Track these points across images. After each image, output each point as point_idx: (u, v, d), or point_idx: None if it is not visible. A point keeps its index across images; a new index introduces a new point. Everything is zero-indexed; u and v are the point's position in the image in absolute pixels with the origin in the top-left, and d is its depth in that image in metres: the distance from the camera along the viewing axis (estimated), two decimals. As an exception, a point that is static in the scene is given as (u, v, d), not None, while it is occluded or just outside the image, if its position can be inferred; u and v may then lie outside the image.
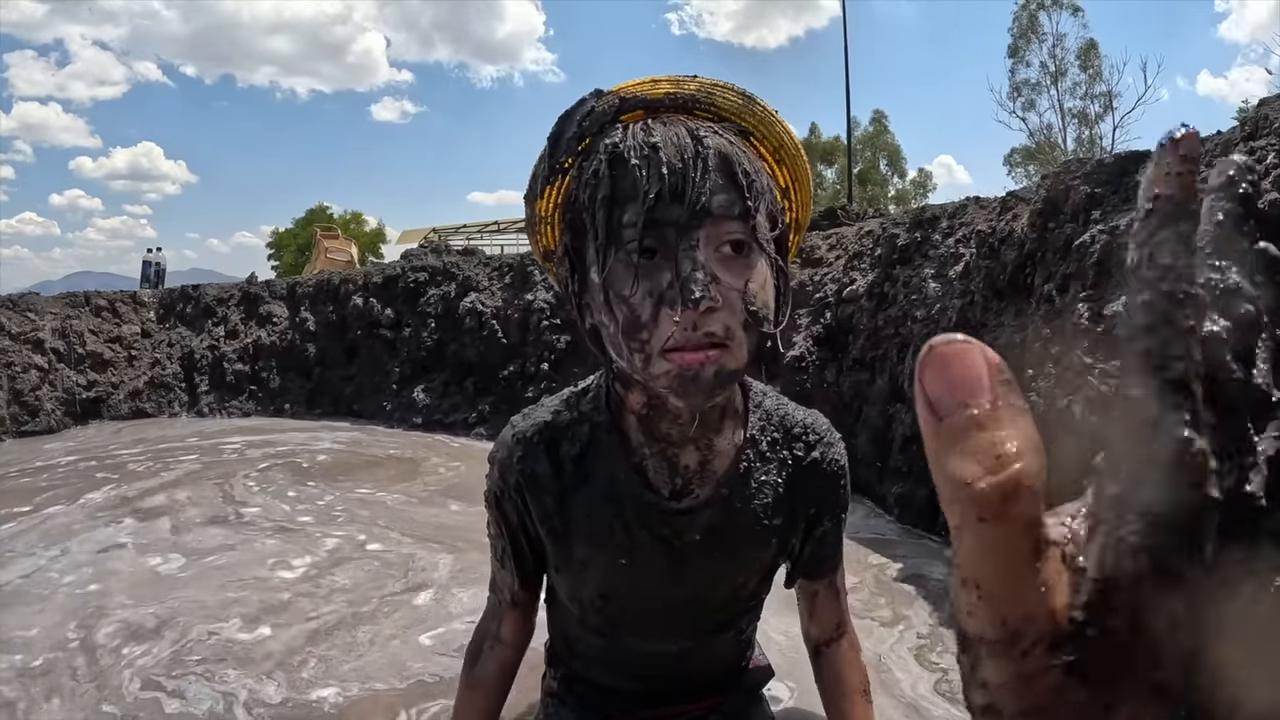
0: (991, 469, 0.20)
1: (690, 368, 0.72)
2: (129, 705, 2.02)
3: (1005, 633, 0.21)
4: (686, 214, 0.72)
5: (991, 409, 0.21)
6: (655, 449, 0.90)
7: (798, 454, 0.95)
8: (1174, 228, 0.22)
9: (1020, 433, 0.21)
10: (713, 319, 0.72)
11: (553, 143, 0.81)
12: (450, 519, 3.53)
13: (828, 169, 30.33)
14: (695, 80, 0.81)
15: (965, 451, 0.20)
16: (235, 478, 4.50)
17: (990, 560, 0.21)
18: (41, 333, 6.89)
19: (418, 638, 2.37)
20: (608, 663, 1.08)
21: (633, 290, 0.73)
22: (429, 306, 6.70)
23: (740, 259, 0.75)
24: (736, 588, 0.99)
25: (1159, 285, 0.22)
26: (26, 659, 2.25)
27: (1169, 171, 0.23)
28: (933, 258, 3.79)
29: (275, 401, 7.24)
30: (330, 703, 2.01)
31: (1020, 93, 24.06)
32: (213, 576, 2.90)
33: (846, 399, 4.03)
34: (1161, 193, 0.23)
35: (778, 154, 0.85)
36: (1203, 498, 0.21)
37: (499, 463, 0.95)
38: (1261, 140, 1.96)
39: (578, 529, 0.93)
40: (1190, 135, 0.23)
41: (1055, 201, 2.88)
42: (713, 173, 0.74)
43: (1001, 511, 0.20)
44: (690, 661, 1.06)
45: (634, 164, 0.73)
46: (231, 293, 8.04)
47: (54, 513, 3.82)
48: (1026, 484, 0.20)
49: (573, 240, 0.81)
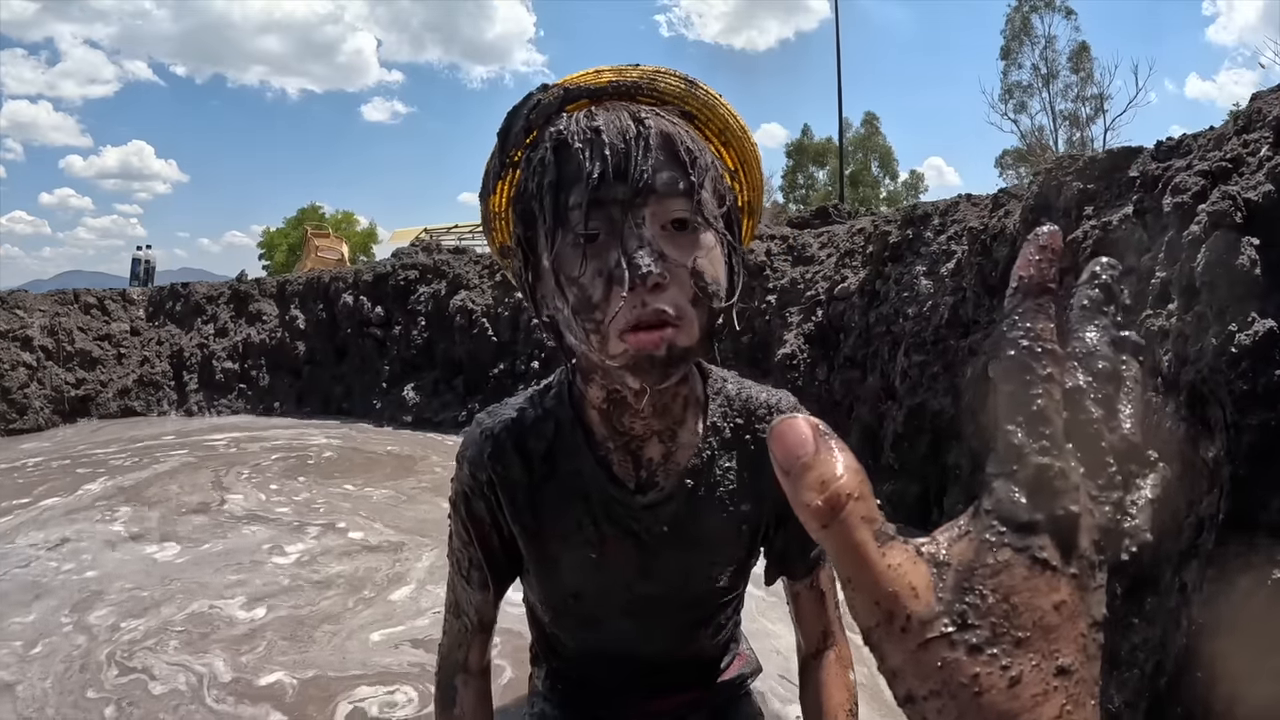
0: (820, 490, 0.27)
1: (645, 348, 0.73)
2: (117, 686, 2.09)
3: (881, 613, 0.26)
4: (630, 192, 0.73)
5: (815, 453, 0.27)
6: (619, 442, 0.90)
7: (761, 435, 0.94)
8: (1034, 300, 0.29)
9: (839, 462, 0.27)
10: (662, 296, 0.72)
11: (502, 138, 0.82)
12: (440, 515, 3.56)
13: (820, 170, 30.41)
14: (638, 68, 0.82)
15: (804, 486, 0.27)
16: (228, 476, 4.50)
17: (845, 555, 0.27)
18: (30, 330, 6.83)
19: (397, 626, 2.40)
20: (588, 661, 1.07)
21: (581, 270, 0.74)
22: (419, 305, 6.67)
23: (687, 235, 0.75)
24: (710, 581, 0.97)
25: (1021, 343, 0.28)
26: (25, 646, 2.33)
27: (1031, 259, 0.30)
28: (925, 255, 3.79)
29: (265, 400, 7.21)
30: (308, 684, 2.04)
31: (1012, 95, 24.18)
32: (203, 570, 2.93)
33: (838, 397, 4.02)
34: (1024, 275, 0.30)
35: (723, 136, 0.86)
36: (1065, 511, 0.27)
37: (469, 460, 0.95)
38: (1254, 133, 1.96)
39: (548, 525, 0.92)
40: (1052, 232, 0.30)
41: (1047, 198, 2.88)
42: (655, 151, 0.74)
43: (833, 516, 0.27)
44: (670, 658, 1.05)
45: (577, 147, 0.74)
46: (221, 291, 7.99)
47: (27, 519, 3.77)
48: (846, 493, 0.27)
49: (524, 231, 0.82)
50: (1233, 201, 1.84)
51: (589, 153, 0.74)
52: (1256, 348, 1.68)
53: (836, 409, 3.94)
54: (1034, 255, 0.30)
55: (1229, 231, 1.82)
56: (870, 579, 0.26)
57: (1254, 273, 1.75)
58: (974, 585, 0.26)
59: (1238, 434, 1.69)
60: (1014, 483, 0.27)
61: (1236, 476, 1.68)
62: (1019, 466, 0.27)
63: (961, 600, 0.26)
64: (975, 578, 0.26)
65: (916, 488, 3.41)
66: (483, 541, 0.95)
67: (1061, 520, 0.27)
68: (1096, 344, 0.31)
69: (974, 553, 0.27)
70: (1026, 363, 0.28)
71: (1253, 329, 1.69)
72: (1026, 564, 0.26)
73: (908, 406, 3.50)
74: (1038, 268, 0.30)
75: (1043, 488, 0.27)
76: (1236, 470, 1.68)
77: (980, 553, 0.27)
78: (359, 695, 2.05)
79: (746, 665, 1.21)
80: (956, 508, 3.10)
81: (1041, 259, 0.30)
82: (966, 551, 0.27)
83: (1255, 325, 1.69)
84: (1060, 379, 0.28)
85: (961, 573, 0.27)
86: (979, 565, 0.26)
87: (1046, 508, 0.27)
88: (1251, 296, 1.74)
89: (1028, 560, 0.26)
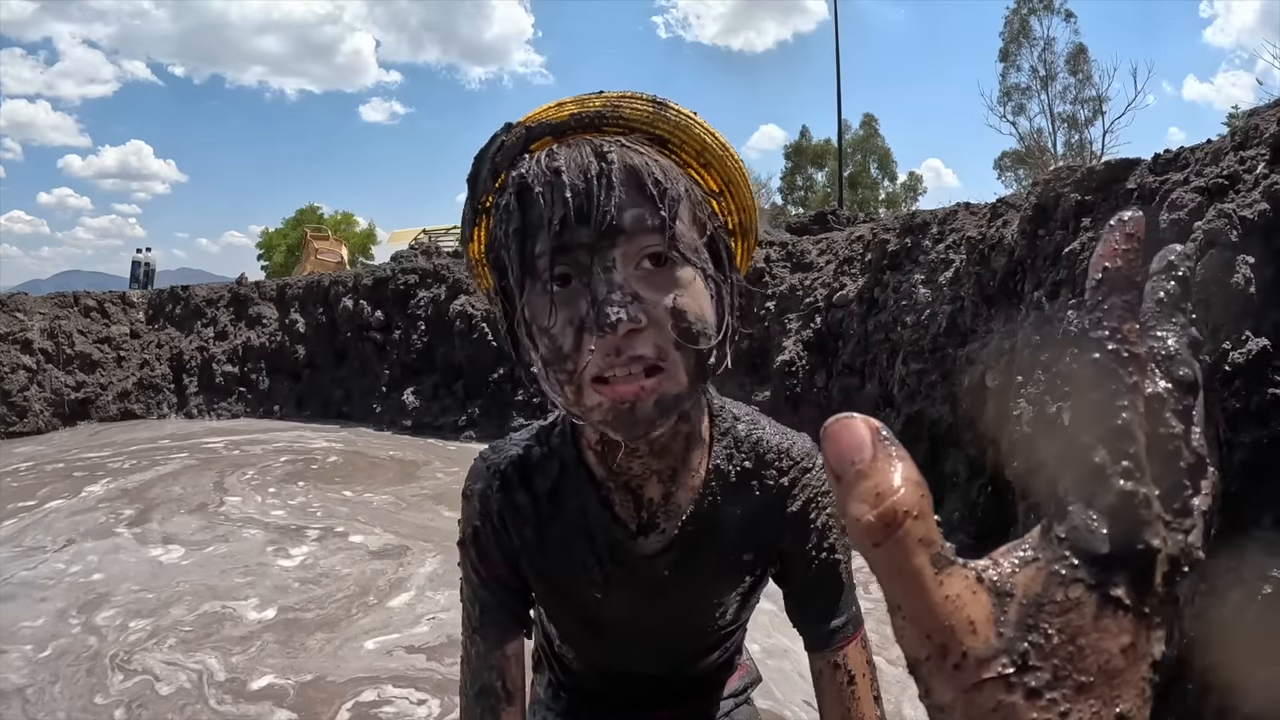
0: (874, 504, 0.24)
1: (624, 400, 0.69)
2: (125, 688, 2.14)
3: (934, 647, 0.24)
4: (595, 235, 0.69)
5: (872, 460, 0.24)
6: (618, 482, 0.87)
7: (768, 482, 0.89)
8: (1120, 296, 0.26)
9: (897, 473, 0.24)
10: (639, 341, 0.68)
11: (471, 184, 0.79)
12: (441, 521, 3.61)
13: (818, 172, 30.40)
14: (601, 96, 0.78)
15: (855, 496, 0.24)
16: (230, 479, 4.50)
17: (897, 580, 0.24)
18: (30, 333, 6.83)
19: (406, 630, 2.42)
20: (592, 676, 1.08)
21: (552, 320, 0.70)
22: (419, 309, 6.68)
23: (664, 272, 0.71)
24: (713, 618, 0.95)
25: (1107, 346, 0.25)
26: (35, 648, 2.38)
27: (1117, 248, 0.26)
28: (923, 264, 3.80)
29: (264, 403, 7.21)
30: (312, 686, 2.05)
31: (1011, 97, 24.18)
32: (209, 572, 2.95)
33: (836, 404, 4.04)
34: (1110, 265, 0.26)
35: (702, 158, 0.81)
36: (1145, 546, 0.24)
37: (477, 494, 0.92)
38: (1251, 150, 1.98)
39: (555, 563, 0.90)
40: (1136, 219, 0.26)
41: (1045, 209, 2.89)
42: (619, 188, 0.70)
43: (887, 535, 0.24)
44: (674, 678, 1.05)
45: (539, 191, 0.71)
46: (221, 294, 7.99)
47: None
48: (903, 510, 0.24)
49: (499, 280, 0.78)
50: (1229, 219, 1.86)
51: (549, 196, 0.70)
52: (1250, 366, 1.70)
53: (835, 416, 3.96)
54: (1120, 243, 0.27)
55: (1224, 249, 1.84)
56: (924, 610, 0.24)
57: (1249, 291, 1.77)
58: (1039, 623, 0.24)
59: (1230, 451, 1.71)
60: (1094, 510, 0.24)
61: (1229, 493, 1.70)
62: (1100, 491, 0.24)
63: (1024, 639, 0.24)
64: (1042, 615, 0.24)
65: (914, 495, 3.43)
66: (496, 577, 0.92)
67: (1141, 556, 0.24)
68: (1177, 348, 0.27)
69: (1042, 585, 0.24)
70: (1114, 370, 0.25)
71: (1246, 347, 1.71)
72: (1098, 602, 0.24)
73: (906, 414, 3.52)
74: (1125, 258, 0.26)
75: (1125, 518, 0.24)
76: (1229, 486, 1.70)
77: (1049, 586, 0.24)
78: (362, 698, 2.08)
79: (747, 675, 1.21)
80: (954, 515, 3.11)
81: (1129, 248, 0.27)
82: (1034, 583, 0.25)
83: (1249, 343, 1.71)
84: (1142, 387, 0.26)
85: (1026, 607, 0.24)
86: (1047, 601, 0.24)
87: (1127, 541, 0.24)
88: (1246, 314, 1.76)
89: (1100, 599, 0.24)
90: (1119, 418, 0.25)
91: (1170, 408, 0.26)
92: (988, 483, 2.99)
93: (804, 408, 4.11)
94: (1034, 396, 2.61)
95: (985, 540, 2.91)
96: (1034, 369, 2.66)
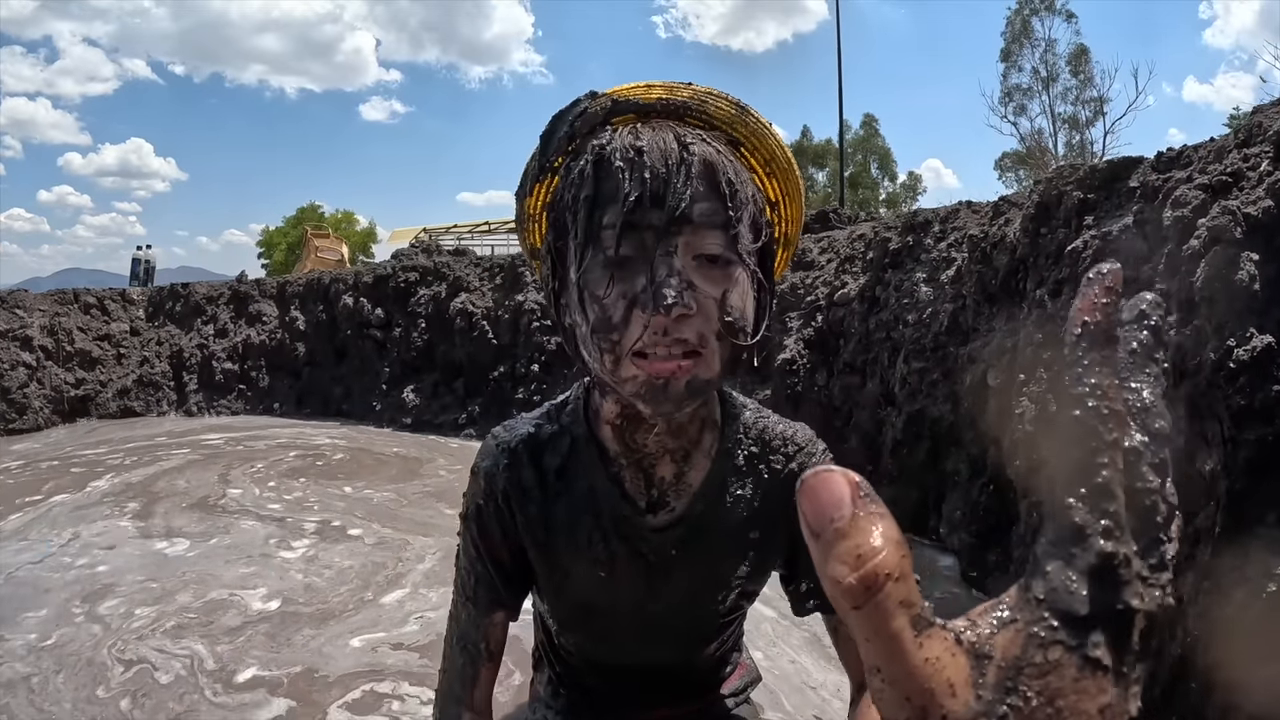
0: (855, 566, 0.23)
1: (660, 376, 0.72)
2: (127, 680, 2.16)
3: (913, 709, 0.24)
4: (666, 219, 0.72)
5: (852, 518, 0.24)
6: (631, 460, 0.89)
7: (775, 466, 0.93)
8: (1099, 351, 0.26)
9: (879, 533, 0.24)
10: (685, 326, 0.71)
11: (544, 141, 0.81)
12: (444, 519, 3.62)
13: (819, 172, 30.41)
14: (690, 87, 0.81)
15: (835, 557, 0.23)
16: (233, 475, 4.51)
17: (876, 642, 0.23)
18: (30, 330, 6.83)
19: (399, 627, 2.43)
20: (592, 670, 1.07)
21: (607, 291, 0.73)
22: (419, 307, 6.68)
23: (719, 269, 0.74)
24: (716, 602, 0.97)
25: (1087, 403, 0.25)
26: (39, 638, 2.41)
27: (1095, 302, 0.26)
28: (924, 262, 3.80)
29: (264, 401, 7.21)
30: (313, 678, 2.06)
31: (1012, 97, 24.17)
32: (213, 562, 2.96)
33: (837, 403, 4.03)
34: (1089, 320, 0.26)
35: (768, 166, 0.85)
36: (1124, 606, 0.24)
37: (484, 471, 0.94)
38: (1255, 147, 1.97)
39: (559, 540, 0.92)
40: (1114, 271, 0.27)
41: (1048, 206, 2.89)
42: (695, 180, 0.73)
43: (868, 598, 0.23)
44: (673, 669, 1.06)
45: (618, 166, 0.73)
46: (221, 291, 7.99)
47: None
48: (885, 572, 0.23)
49: (555, 239, 0.81)
50: (1233, 216, 1.85)
51: (629, 173, 0.73)
52: (1254, 363, 1.69)
53: (836, 414, 3.95)
54: (1099, 297, 0.26)
55: (1229, 246, 1.83)
56: (903, 672, 0.24)
57: (1253, 288, 1.76)
58: (1018, 685, 0.24)
59: (1235, 448, 1.71)
60: (1073, 570, 0.24)
61: (1233, 490, 1.70)
62: (1079, 551, 0.24)
63: (1004, 701, 0.23)
64: (1021, 677, 0.24)
65: (915, 494, 3.43)
66: (493, 556, 0.94)
67: (1121, 616, 0.24)
68: (1151, 399, 0.27)
69: (1021, 647, 0.24)
70: (1094, 427, 0.25)
71: (1251, 344, 1.71)
72: (1078, 664, 0.24)
73: (907, 413, 3.52)
74: (1104, 312, 0.26)
75: (1105, 579, 0.24)
76: (1233, 484, 1.70)
77: (1028, 648, 0.24)
78: (361, 688, 2.10)
79: (747, 675, 1.22)
80: (955, 514, 3.11)
81: (1108, 301, 0.26)
82: (1012, 645, 0.24)
83: (1254, 340, 1.71)
84: (1121, 442, 0.25)
85: (1005, 669, 0.24)
86: (1026, 663, 0.24)
87: (1107, 602, 0.24)
88: (1250, 311, 1.75)
89: (1079, 660, 0.24)
90: (1099, 475, 0.24)
91: (1146, 461, 0.26)
92: (989, 481, 2.98)
93: (805, 406, 4.10)
94: (1036, 395, 2.60)
95: (986, 539, 2.91)
96: (1036, 367, 2.65)
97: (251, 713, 2.00)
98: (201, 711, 2.00)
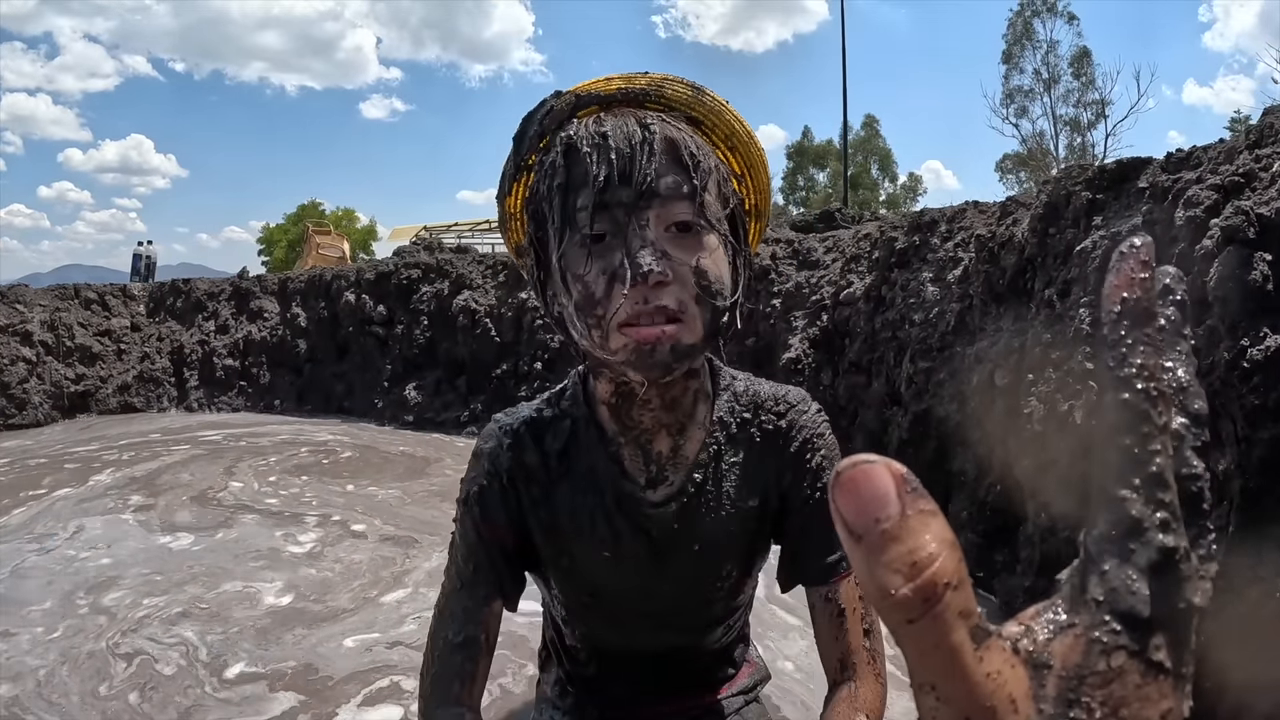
0: (909, 575, 0.21)
1: (646, 342, 0.76)
2: (131, 674, 2.16)
3: None
4: (634, 195, 0.77)
5: (901, 519, 0.21)
6: (629, 437, 0.92)
7: (766, 426, 0.96)
8: (1142, 329, 0.24)
9: (932, 536, 0.21)
10: (664, 293, 0.76)
11: (517, 141, 0.86)
12: (449, 518, 3.60)
13: (820, 173, 30.44)
14: (646, 76, 0.86)
15: (885, 565, 0.21)
16: (237, 471, 4.51)
17: (933, 658, 0.21)
18: (30, 325, 6.82)
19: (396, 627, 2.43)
20: (600, 662, 1.07)
21: (587, 268, 0.78)
22: (422, 304, 6.67)
23: (691, 237, 0.79)
24: (720, 579, 0.98)
25: (1135, 385, 0.23)
26: (45, 630, 2.43)
27: (1133, 277, 0.24)
28: (931, 261, 3.80)
29: (265, 397, 7.21)
30: (320, 674, 2.06)
31: (1014, 99, 24.20)
32: (220, 556, 2.97)
33: (843, 402, 4.03)
34: (1129, 296, 0.24)
35: (729, 141, 0.89)
36: (1186, 604, 0.22)
37: (487, 453, 0.97)
38: (1266, 148, 1.97)
39: (564, 521, 0.94)
40: (1147, 244, 0.25)
41: (1056, 206, 2.88)
42: (659, 156, 0.78)
43: (925, 610, 0.21)
44: (682, 659, 1.06)
45: (585, 152, 0.78)
46: (222, 287, 7.99)
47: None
48: (943, 581, 0.21)
49: (536, 230, 0.86)
50: (1245, 216, 1.85)
51: (596, 157, 0.77)
52: (1268, 362, 1.69)
53: (841, 414, 3.95)
54: (1136, 271, 0.24)
55: (1241, 246, 1.83)
56: (963, 690, 0.21)
57: (1266, 288, 1.76)
58: (1081, 696, 0.22)
59: (1248, 448, 1.71)
60: (1133, 568, 0.22)
61: (1247, 490, 1.69)
62: (1138, 546, 0.22)
63: (1067, 714, 0.22)
64: (1084, 687, 0.22)
65: (921, 494, 3.42)
66: (496, 538, 0.94)
67: (1183, 615, 0.22)
68: (1187, 378, 0.25)
69: (1082, 655, 0.22)
70: (1145, 411, 0.23)
71: (1264, 344, 1.70)
72: (1141, 670, 0.22)
73: (913, 413, 3.51)
74: (1142, 287, 0.24)
75: (1166, 575, 0.22)
76: (1247, 484, 1.70)
77: (1090, 656, 0.22)
78: (369, 685, 2.11)
79: (756, 672, 1.22)
80: (962, 514, 3.11)
81: (1145, 276, 0.24)
82: (1072, 653, 0.22)
83: (1267, 340, 1.70)
84: (1170, 426, 0.24)
85: (1066, 679, 0.22)
86: (1088, 671, 0.22)
87: (1169, 601, 0.22)
88: (1263, 311, 1.75)
89: (1143, 665, 0.22)
90: (1154, 463, 0.23)
91: (1189, 444, 0.24)
92: (996, 481, 2.98)
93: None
94: (1044, 395, 2.60)
95: (993, 539, 2.91)
96: (1044, 367, 2.65)
97: (258, 706, 2.00)
98: (208, 705, 2.00)
